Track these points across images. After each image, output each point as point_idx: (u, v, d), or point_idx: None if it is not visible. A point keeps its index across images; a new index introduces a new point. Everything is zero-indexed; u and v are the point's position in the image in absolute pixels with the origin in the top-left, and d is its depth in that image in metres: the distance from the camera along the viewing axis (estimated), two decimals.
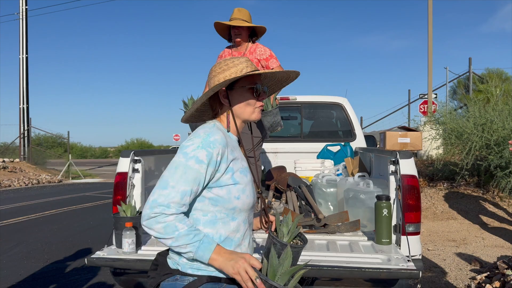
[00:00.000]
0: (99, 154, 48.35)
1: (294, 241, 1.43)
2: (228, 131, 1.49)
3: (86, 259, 2.28)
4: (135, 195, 2.74)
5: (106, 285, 4.06)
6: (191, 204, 1.38)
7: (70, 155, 20.29)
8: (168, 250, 1.47)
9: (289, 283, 1.25)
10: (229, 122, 1.47)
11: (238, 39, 3.55)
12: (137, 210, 2.48)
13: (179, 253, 1.35)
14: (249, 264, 1.25)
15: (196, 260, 1.32)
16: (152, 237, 2.67)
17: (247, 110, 1.47)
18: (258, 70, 1.47)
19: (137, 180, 2.76)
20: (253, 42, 3.67)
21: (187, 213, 1.39)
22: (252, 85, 1.45)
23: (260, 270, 1.26)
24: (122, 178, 2.68)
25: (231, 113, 1.47)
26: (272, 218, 1.58)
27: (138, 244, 2.40)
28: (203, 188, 1.36)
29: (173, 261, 1.39)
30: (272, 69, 3.60)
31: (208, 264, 1.30)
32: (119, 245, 2.37)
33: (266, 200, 3.80)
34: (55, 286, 4.05)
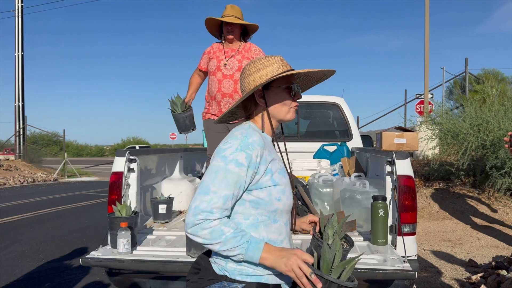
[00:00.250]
0: (95, 153, 48.21)
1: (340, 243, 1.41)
2: (262, 132, 1.46)
3: (80, 259, 2.27)
4: (131, 194, 2.73)
5: (101, 284, 4.04)
6: (231, 208, 1.35)
7: (65, 153, 20.21)
8: (209, 252, 1.44)
9: (341, 276, 1.23)
10: (264, 122, 1.45)
11: (231, 36, 3.51)
12: (132, 210, 2.47)
13: (225, 258, 1.33)
14: (302, 260, 1.22)
15: (245, 264, 1.31)
16: (148, 237, 2.67)
17: (283, 110, 1.44)
18: (293, 69, 1.44)
19: (132, 179, 2.74)
20: (245, 40, 3.65)
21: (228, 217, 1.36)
22: (289, 84, 1.43)
23: (312, 265, 1.23)
24: (117, 178, 2.67)
25: (266, 113, 1.45)
26: (315, 218, 1.56)
27: (133, 244, 2.39)
28: (244, 191, 1.34)
29: (219, 266, 1.36)
30: None
31: (257, 265, 1.28)
32: (114, 245, 2.36)
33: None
34: (50, 285, 4.03)
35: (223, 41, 3.62)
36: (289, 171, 1.53)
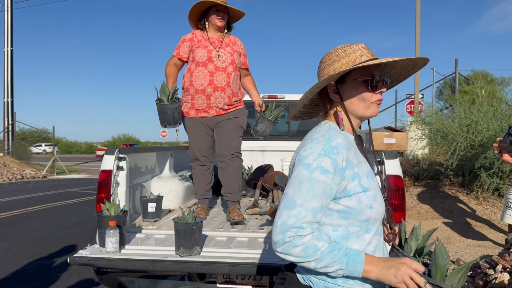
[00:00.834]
0: (84, 150, 47.83)
1: (423, 259, 1.30)
2: (342, 130, 1.31)
3: (68, 258, 2.25)
4: (120, 193, 2.71)
5: (90, 282, 4.01)
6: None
7: (55, 150, 20.00)
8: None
9: (456, 284, 1.13)
10: (341, 120, 1.30)
11: (221, 24, 3.19)
12: (121, 208, 2.45)
13: (307, 269, 1.21)
14: (412, 269, 1.09)
15: (327, 275, 1.18)
16: (137, 236, 2.66)
17: (361, 105, 1.28)
18: (376, 58, 1.27)
19: (121, 178, 2.73)
20: (228, 31, 3.35)
21: None
22: (367, 77, 1.26)
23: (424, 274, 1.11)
24: (106, 176, 2.65)
25: (342, 110, 1.30)
26: (396, 229, 1.40)
27: (122, 243, 2.37)
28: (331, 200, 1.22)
29: (303, 276, 1.27)
30: (247, 68, 3.47)
31: (354, 278, 1.16)
32: (102, 244, 2.34)
33: (268, 201, 3.79)
34: (38, 283, 3.99)
35: (206, 30, 3.27)
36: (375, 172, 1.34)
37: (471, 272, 3.88)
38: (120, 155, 2.73)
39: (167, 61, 3.30)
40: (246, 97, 4.29)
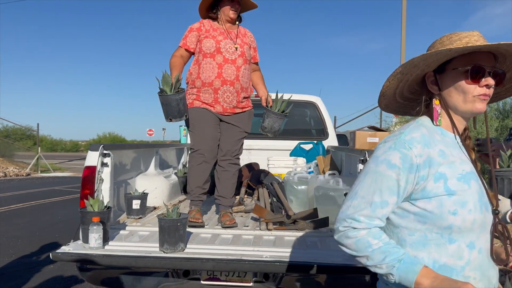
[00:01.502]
0: (69, 148, 47.19)
1: None
2: (436, 125, 1.18)
3: (51, 254, 2.24)
4: (104, 189, 2.70)
5: (73, 280, 3.98)
6: (394, 220, 1.15)
7: (39, 148, 19.73)
8: None
9: None
10: (437, 114, 1.17)
11: (235, 15, 3.01)
12: (105, 205, 2.45)
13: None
14: None
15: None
16: (120, 232, 2.65)
17: (460, 99, 1.13)
18: (487, 43, 1.09)
19: (106, 174, 2.72)
20: (239, 23, 3.16)
21: (391, 231, 1.17)
22: (468, 65, 1.10)
23: None
24: (90, 172, 2.64)
25: (439, 103, 1.17)
26: None
27: (105, 239, 2.37)
28: (405, 200, 1.12)
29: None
30: (258, 62, 3.24)
31: None
32: (86, 240, 2.34)
33: (253, 199, 3.81)
34: (21, 281, 3.94)
35: (218, 20, 3.07)
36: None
37: None
38: (105, 151, 2.72)
39: (172, 53, 3.05)
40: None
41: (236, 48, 2.98)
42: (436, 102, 1.17)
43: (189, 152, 3.08)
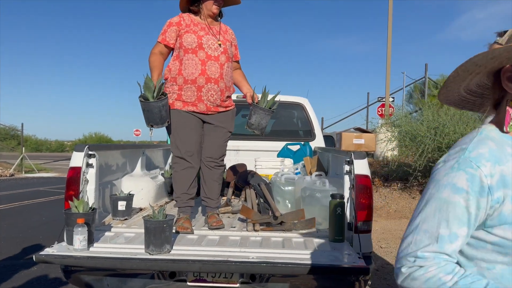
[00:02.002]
0: (55, 148, 46.55)
1: None
2: (506, 132, 0.98)
3: (34, 256, 2.20)
4: (89, 190, 2.67)
5: (57, 282, 3.93)
6: (467, 252, 0.97)
7: (23, 148, 19.42)
8: None
9: None
10: (510, 119, 0.97)
11: (218, 11, 2.90)
12: (90, 206, 2.42)
13: None
14: None
15: None
16: (106, 234, 2.62)
17: None
18: None
19: (91, 175, 2.69)
20: (218, 19, 3.04)
21: (464, 266, 0.98)
22: None
23: None
24: (75, 173, 2.61)
25: None
26: None
27: (90, 241, 2.34)
28: (479, 228, 0.95)
29: None
30: (238, 60, 3.15)
31: None
32: (70, 241, 2.31)
33: (236, 200, 3.80)
34: (4, 283, 3.87)
35: (200, 15, 2.94)
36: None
37: None
38: (90, 152, 2.69)
39: (150, 50, 2.92)
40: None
41: (219, 44, 2.87)
42: (509, 102, 0.97)
43: (172, 157, 2.99)
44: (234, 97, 4.57)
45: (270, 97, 2.99)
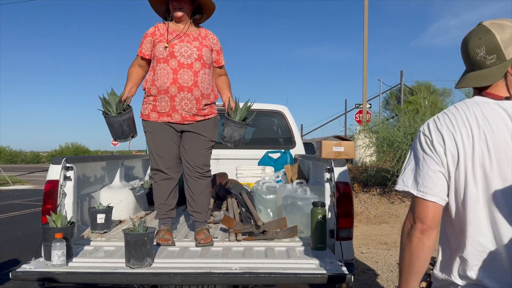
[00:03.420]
0: (30, 159, 45.43)
1: None
2: None
3: (10, 273, 2.14)
4: (67, 204, 2.62)
5: None
6: None
7: None
8: None
9: None
10: None
11: (180, 13, 2.80)
12: (68, 220, 2.37)
13: None
14: None
15: None
16: (85, 248, 2.57)
17: None
18: None
19: (69, 188, 2.63)
20: (196, 23, 2.96)
21: None
22: None
23: None
24: (52, 186, 2.55)
25: None
26: None
27: (69, 256, 2.29)
28: None
29: None
30: (222, 66, 3.05)
31: None
32: (48, 257, 2.25)
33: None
34: None
35: (168, 21, 2.92)
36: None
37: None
38: (68, 165, 2.64)
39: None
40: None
41: (185, 51, 2.79)
42: None
43: (150, 169, 2.95)
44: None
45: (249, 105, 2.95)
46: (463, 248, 1.22)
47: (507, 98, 1.21)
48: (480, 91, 1.27)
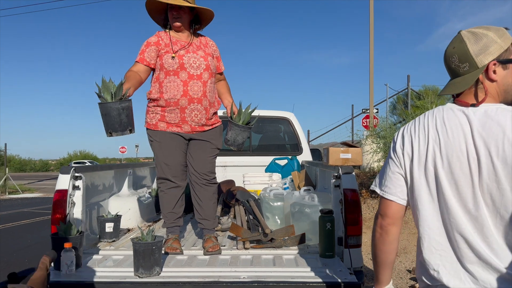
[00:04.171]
0: (39, 167, 45.84)
1: None
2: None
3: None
4: (76, 213, 2.63)
5: None
6: None
7: (7, 169, 19.05)
8: None
9: None
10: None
11: (178, 23, 2.79)
12: (77, 229, 2.38)
13: None
14: None
15: None
16: (93, 257, 2.58)
17: None
18: None
19: (77, 197, 2.65)
20: (195, 32, 2.94)
21: None
22: None
23: None
24: (61, 196, 2.57)
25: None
26: None
27: (78, 265, 2.30)
28: None
29: None
30: (222, 72, 3.06)
31: None
32: (57, 267, 2.26)
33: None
34: None
35: (168, 30, 2.89)
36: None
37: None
38: (76, 174, 2.66)
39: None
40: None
41: (194, 61, 2.77)
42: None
43: (156, 177, 2.94)
44: (220, 113, 4.57)
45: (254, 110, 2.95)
46: (422, 248, 1.31)
47: (472, 105, 1.27)
48: (455, 98, 1.35)
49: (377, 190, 1.41)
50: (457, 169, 1.21)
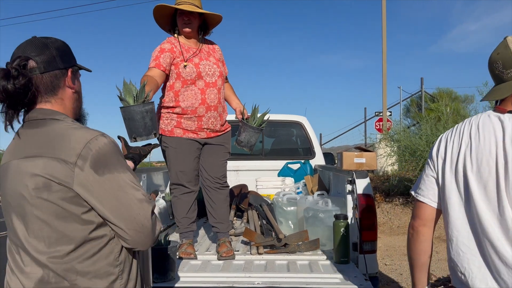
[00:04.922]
0: None
1: None
2: None
3: None
4: None
5: None
6: None
7: None
8: None
9: None
10: None
11: (188, 29, 2.77)
12: None
13: None
14: None
15: None
16: None
17: None
18: None
19: None
20: (204, 36, 2.93)
21: None
22: None
23: None
24: None
25: None
26: None
27: None
28: None
29: None
30: (227, 73, 3.05)
31: None
32: None
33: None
34: None
35: (177, 35, 2.86)
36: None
37: (442, 286, 3.96)
38: None
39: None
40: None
41: (214, 69, 2.80)
42: None
43: (170, 183, 2.95)
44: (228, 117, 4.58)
45: (259, 114, 2.96)
46: (450, 250, 1.33)
47: (510, 112, 1.27)
48: (496, 104, 1.35)
49: (412, 193, 1.45)
50: (486, 173, 1.22)
